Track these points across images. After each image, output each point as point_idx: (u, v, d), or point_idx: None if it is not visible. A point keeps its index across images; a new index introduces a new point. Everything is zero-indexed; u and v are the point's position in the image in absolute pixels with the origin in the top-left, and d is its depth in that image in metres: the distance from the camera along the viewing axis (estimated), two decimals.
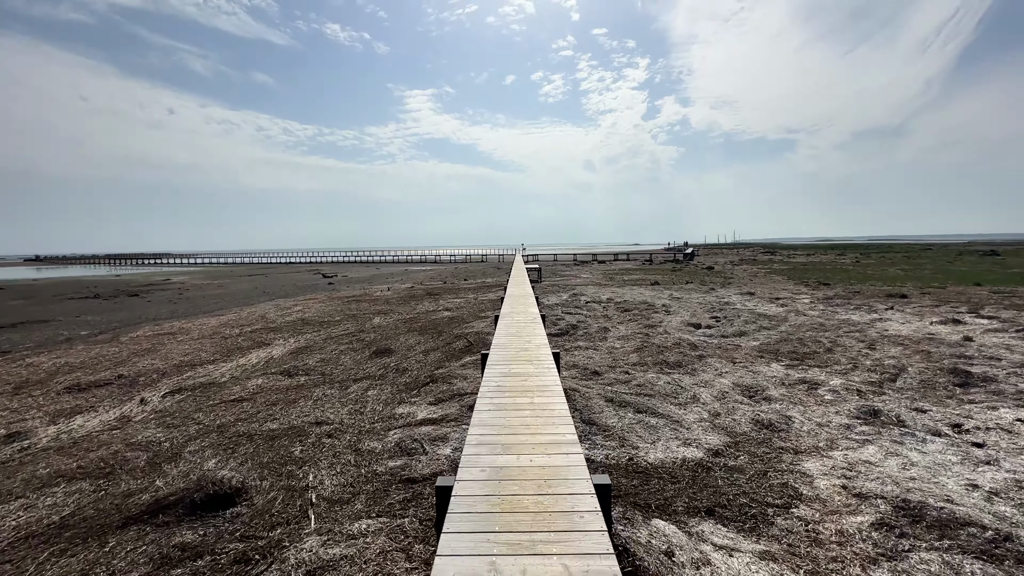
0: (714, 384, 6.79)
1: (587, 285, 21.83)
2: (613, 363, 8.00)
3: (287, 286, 28.17)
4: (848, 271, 27.53)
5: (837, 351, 8.67)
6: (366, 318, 14.05)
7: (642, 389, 6.52)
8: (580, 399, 5.99)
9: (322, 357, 9.29)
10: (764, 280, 23.21)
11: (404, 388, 7.07)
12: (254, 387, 7.50)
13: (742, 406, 5.90)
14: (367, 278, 33.43)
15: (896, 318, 11.86)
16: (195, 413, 6.39)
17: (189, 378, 8.22)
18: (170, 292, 26.22)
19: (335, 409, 6.28)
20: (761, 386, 6.65)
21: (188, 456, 5.01)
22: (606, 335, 10.23)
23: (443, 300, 17.66)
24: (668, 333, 10.26)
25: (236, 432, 5.64)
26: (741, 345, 9.28)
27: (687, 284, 21.28)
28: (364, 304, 17.28)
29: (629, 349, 8.90)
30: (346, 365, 8.66)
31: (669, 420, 5.42)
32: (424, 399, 6.50)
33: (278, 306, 17.94)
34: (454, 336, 10.65)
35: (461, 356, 8.82)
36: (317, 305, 17.56)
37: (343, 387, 7.31)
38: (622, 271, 32.41)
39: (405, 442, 5.02)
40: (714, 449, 4.73)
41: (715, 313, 12.67)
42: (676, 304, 14.59)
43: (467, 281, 26.69)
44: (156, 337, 12.45)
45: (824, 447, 4.80)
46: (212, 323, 14.48)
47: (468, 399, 6.21)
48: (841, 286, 19.55)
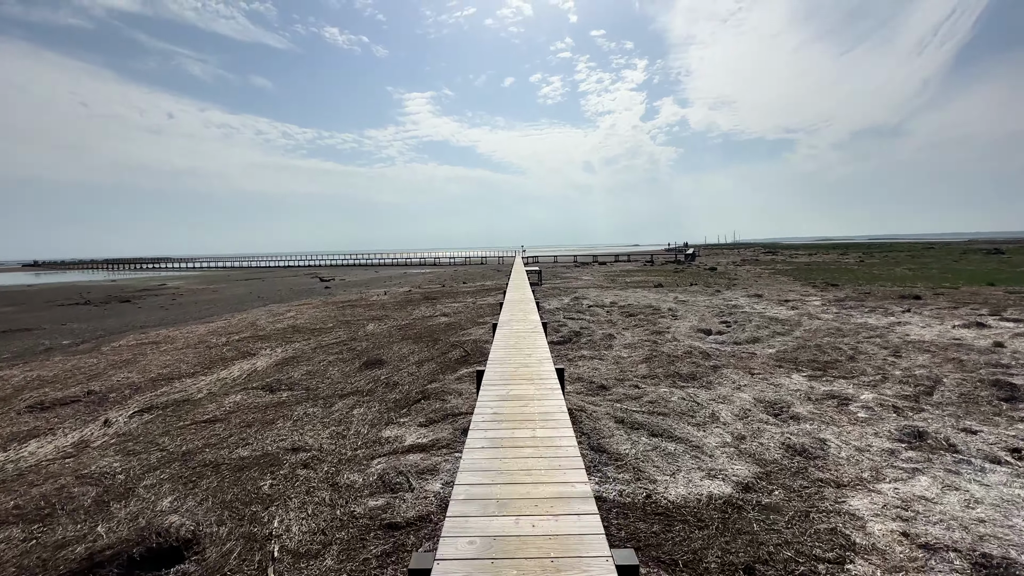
0: (733, 400, 6.14)
1: (589, 288, 21.19)
2: (621, 375, 7.35)
3: (283, 291, 27.55)
4: (854, 271, 26.89)
5: (861, 359, 8.03)
6: (360, 325, 13.41)
7: (655, 407, 5.87)
8: (587, 420, 5.35)
9: (309, 369, 8.65)
10: (770, 281, 22.57)
11: (393, 406, 6.43)
12: (231, 405, 6.86)
13: (768, 427, 5.25)
14: (365, 282, 32.80)
15: (915, 321, 11.22)
16: (161, 437, 5.75)
17: (163, 394, 7.58)
18: (163, 298, 25.59)
19: (315, 432, 5.64)
20: (785, 402, 6.01)
21: (142, 493, 4.37)
22: (611, 343, 9.59)
23: (440, 305, 17.03)
24: (677, 340, 9.61)
25: (202, 461, 5.00)
26: (756, 353, 8.64)
27: (692, 286, 20.63)
28: (359, 310, 16.65)
29: (637, 359, 8.25)
30: (333, 378, 8.02)
31: (688, 445, 4.78)
32: (414, 419, 5.86)
33: (271, 312, 17.31)
34: (450, 345, 10.01)
35: (457, 368, 8.18)
36: (311, 311, 16.93)
37: (327, 405, 6.67)
38: (624, 273, 31.77)
39: (389, 474, 4.38)
40: (744, 482, 4.09)
41: (725, 317, 12.03)
42: (683, 308, 13.94)
43: (466, 284, 26.06)
44: (139, 347, 11.82)
45: (869, 478, 4.15)
46: (200, 331, 13.85)
47: (462, 420, 5.57)
48: (850, 287, 18.91)
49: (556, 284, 23.74)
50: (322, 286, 29.61)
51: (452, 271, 42.39)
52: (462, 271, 41.06)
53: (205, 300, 23.71)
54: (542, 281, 24.73)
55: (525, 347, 6.27)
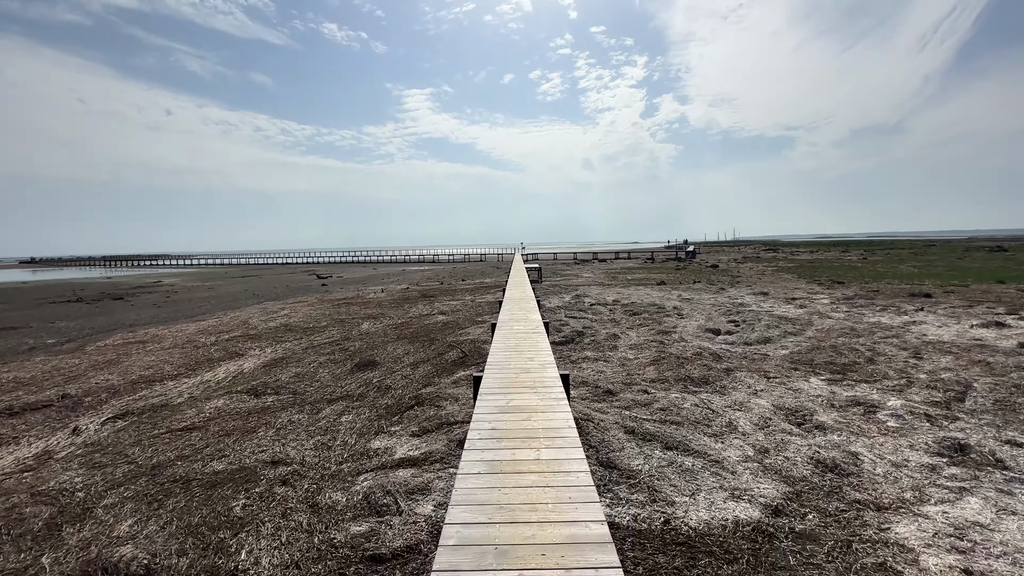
0: (751, 407, 5.68)
1: (590, 285, 20.73)
2: (628, 379, 6.89)
3: (279, 288, 27.06)
4: (858, 268, 26.43)
5: (880, 361, 7.57)
6: (354, 323, 12.94)
7: (667, 415, 5.41)
8: (595, 431, 4.88)
9: (298, 371, 8.18)
10: (773, 278, 22.11)
11: (384, 413, 5.96)
12: (211, 411, 6.39)
13: (792, 438, 4.79)
14: (362, 279, 32.32)
15: (931, 321, 10.77)
16: (131, 447, 5.28)
17: (142, 398, 7.12)
18: (157, 295, 25.10)
19: (299, 442, 5.18)
20: (807, 409, 5.55)
21: (100, 514, 3.91)
22: (616, 343, 9.12)
23: (438, 303, 16.56)
24: (685, 341, 9.15)
25: (172, 476, 4.54)
26: (769, 355, 8.18)
27: (695, 284, 20.17)
28: (354, 308, 16.17)
29: (644, 361, 7.79)
30: (323, 381, 7.55)
31: (707, 460, 4.32)
32: (406, 428, 5.39)
33: (265, 310, 16.84)
34: (447, 345, 9.54)
35: (453, 370, 7.72)
36: (306, 309, 16.46)
37: (314, 411, 6.20)
38: (624, 270, 31.31)
39: (376, 494, 3.91)
40: (773, 505, 3.63)
41: (732, 316, 11.57)
42: (688, 306, 13.48)
43: (464, 282, 25.59)
44: (124, 346, 11.34)
45: (912, 500, 3.70)
46: (190, 330, 13.38)
47: (458, 430, 5.10)
48: (857, 285, 18.46)
49: (556, 281, 23.27)
50: (319, 284, 29.13)
51: (451, 268, 41.92)
52: (461, 268, 40.60)
53: (199, 298, 23.22)
54: (542, 278, 24.26)
55: (526, 349, 5.80)
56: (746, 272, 26.75)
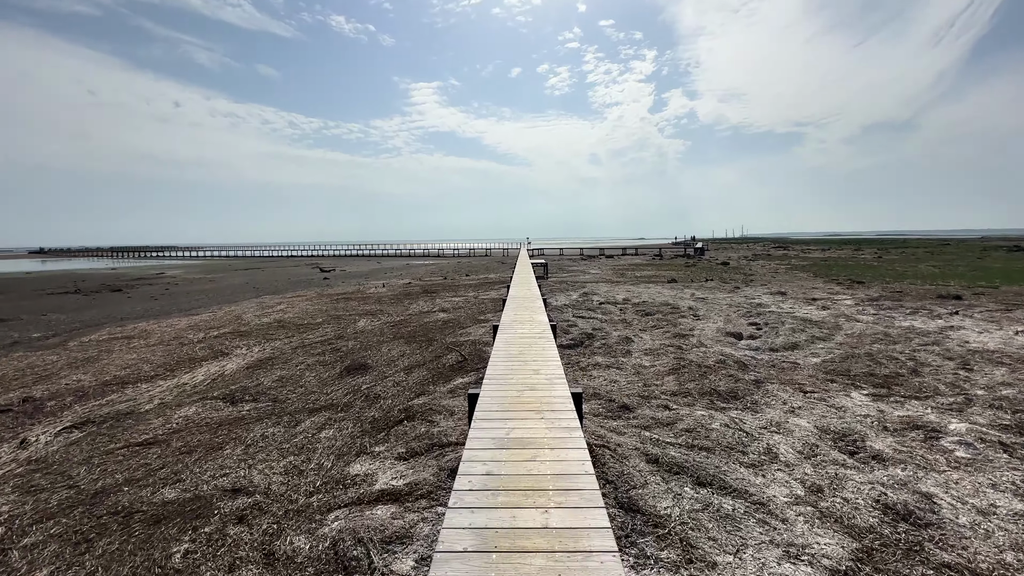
0: (790, 428, 4.90)
1: (598, 282, 19.91)
2: (645, 390, 6.11)
3: (280, 281, 26.47)
4: (876, 268, 25.40)
5: (926, 373, 6.75)
6: (351, 320, 12.24)
7: (694, 438, 4.64)
8: (611, 460, 4.12)
9: (282, 374, 7.48)
10: (788, 277, 21.18)
11: (370, 428, 5.23)
12: (180, 420, 5.70)
13: (847, 471, 4.01)
14: (365, 273, 31.69)
15: (969, 326, 9.89)
16: (79, 466, 4.60)
17: (108, 404, 6.44)
18: (157, 287, 24.58)
19: (268, 464, 4.47)
20: (857, 432, 4.76)
21: (15, 559, 3.21)
22: (629, 348, 8.34)
23: (440, 299, 15.83)
24: (705, 346, 8.35)
25: (113, 506, 3.84)
26: (799, 363, 7.37)
27: (707, 282, 19.30)
28: (353, 303, 15.48)
29: (662, 369, 7.00)
30: (307, 387, 6.84)
31: (750, 502, 3.55)
32: (392, 449, 4.66)
33: (261, 304, 16.19)
34: (446, 347, 8.80)
35: (450, 377, 6.98)
36: (302, 304, 15.79)
37: (292, 423, 5.49)
38: (632, 266, 30.43)
39: (346, 541, 3.19)
40: (840, 570, 2.85)
41: (753, 319, 10.74)
42: (703, 306, 12.65)
43: (468, 277, 24.85)
44: (109, 342, 10.72)
45: (1017, 565, 2.92)
46: (181, 324, 12.75)
47: (450, 453, 4.36)
48: (878, 285, 17.52)
49: (563, 278, 22.48)
50: (321, 277, 28.53)
51: (455, 263, 41.22)
52: (465, 263, 39.89)
53: (199, 290, 22.65)
54: (548, 274, 23.48)
55: (531, 358, 5.05)
56: (758, 270, 25.81)
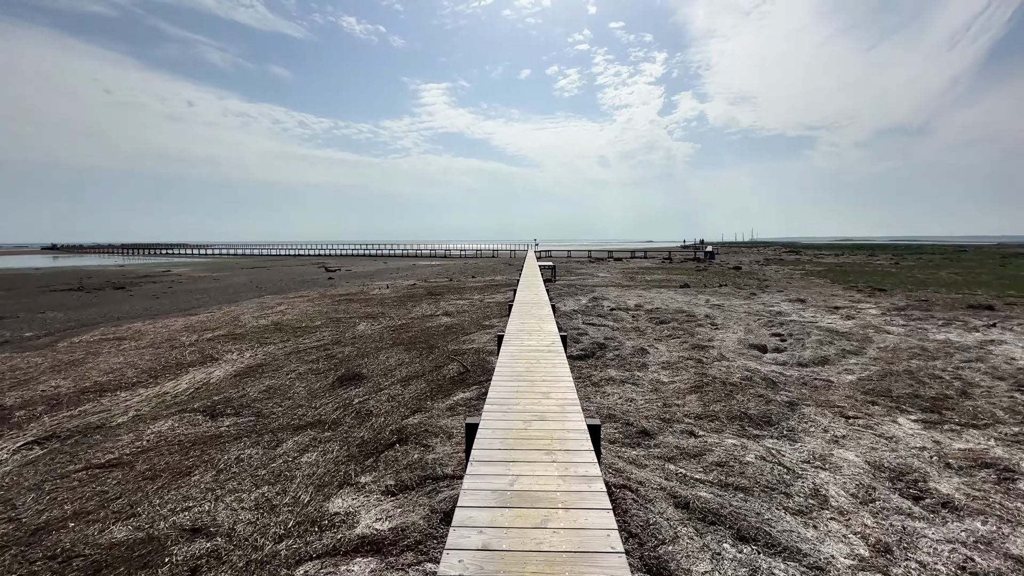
0: (836, 462, 4.25)
1: (608, 286, 19.25)
2: (666, 411, 5.48)
3: (285, 280, 26.08)
4: (895, 274, 24.48)
5: (977, 395, 6.04)
6: (350, 324, 11.71)
7: (728, 474, 4.00)
8: (632, 503, 3.49)
9: (271, 384, 6.93)
10: (805, 283, 20.38)
11: (357, 452, 4.65)
12: (151, 437, 5.16)
13: (917, 523, 3.35)
14: (371, 273, 31.24)
15: (1011, 340, 9.13)
16: (28, 492, 4.06)
17: (80, 415, 5.93)
18: (160, 285, 24.27)
19: (238, 495, 3.90)
20: (916, 471, 4.09)
21: None
22: (645, 360, 7.69)
23: (444, 302, 15.26)
24: (727, 359, 7.68)
25: (52, 548, 3.28)
26: (833, 380, 6.69)
27: (721, 287, 18.56)
28: (355, 305, 14.96)
29: (683, 386, 6.35)
30: (296, 399, 6.28)
31: (804, 565, 2.90)
32: (379, 480, 4.07)
33: (261, 305, 15.72)
34: (448, 355, 8.22)
35: (450, 390, 6.38)
36: (304, 304, 15.30)
37: (273, 443, 4.92)
38: (642, 270, 29.70)
39: None
40: None
41: (776, 329, 10.04)
42: (720, 314, 11.96)
43: (475, 279, 24.28)
44: (99, 343, 10.26)
45: None
46: (176, 325, 12.29)
47: (445, 489, 3.76)
48: (901, 293, 16.70)
49: (571, 281, 21.83)
50: (325, 277, 28.10)
51: (462, 264, 40.69)
52: (472, 264, 39.34)
53: (201, 289, 22.29)
54: (556, 277, 22.84)
55: (540, 377, 4.44)
56: (773, 275, 24.99)
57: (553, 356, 5.22)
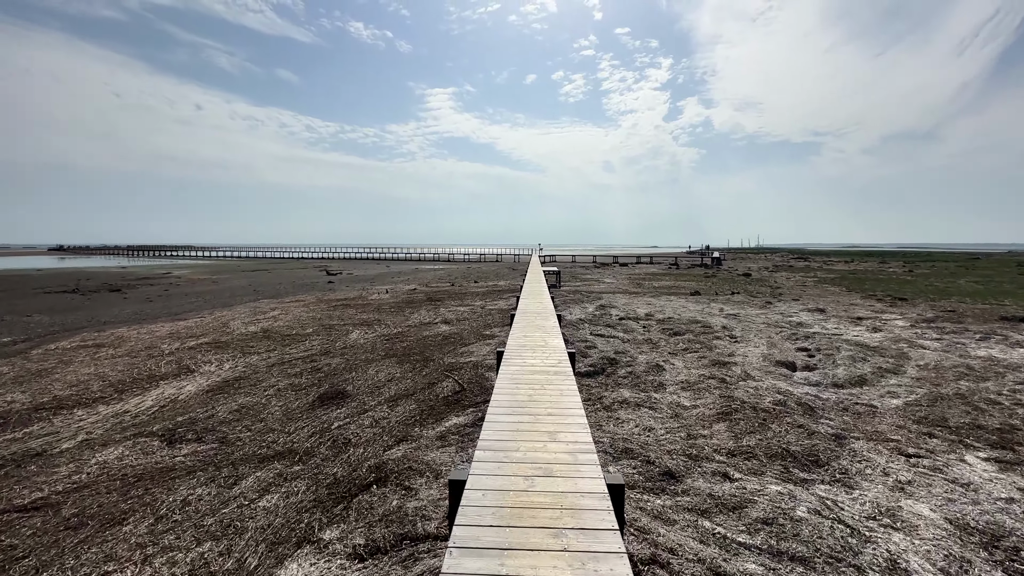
0: (908, 519, 3.44)
1: (614, 293, 18.44)
2: (692, 445, 4.67)
3: (284, 284, 25.45)
4: (912, 283, 23.51)
5: None
6: (343, 332, 10.98)
7: (778, 536, 3.20)
8: None
9: (245, 402, 6.19)
10: (820, 292, 19.49)
11: (327, 494, 3.88)
12: (94, 469, 4.42)
13: None
14: (372, 277, 30.58)
15: None
16: None
17: (25, 437, 5.20)
18: (156, 288, 23.70)
19: (172, 556, 3.13)
20: (1010, 531, 3.28)
21: None
22: (661, 378, 6.89)
23: (444, 308, 14.51)
24: (753, 378, 6.87)
25: None
26: (877, 406, 5.86)
27: (734, 295, 17.71)
28: (351, 311, 14.24)
29: (708, 412, 5.55)
30: (268, 422, 5.54)
31: None
32: (347, 536, 3.30)
33: (255, 310, 15.04)
34: (442, 370, 7.45)
35: (443, 414, 5.61)
36: (298, 310, 14.60)
37: (231, 480, 4.17)
38: (649, 276, 28.85)
39: None
40: None
41: (800, 342, 9.20)
42: (738, 325, 11.13)
43: (477, 284, 23.54)
44: (75, 351, 9.58)
45: None
46: (162, 331, 11.61)
47: (424, 560, 2.98)
48: (924, 303, 15.79)
49: (577, 287, 21.04)
50: (326, 281, 27.46)
51: (465, 268, 40.00)
52: (475, 268, 38.62)
53: (197, 292, 21.69)
54: (561, 283, 22.05)
55: (544, 409, 3.66)
56: (784, 283, 24.09)
57: (560, 380, 4.45)
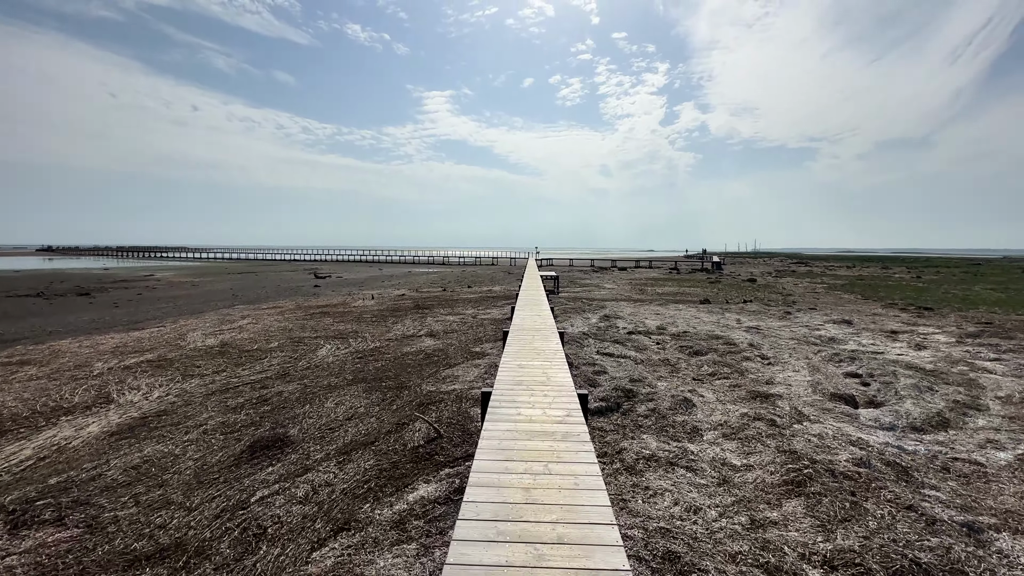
0: None
1: (618, 300, 16.97)
2: (763, 545, 3.16)
3: (268, 288, 23.86)
4: (928, 290, 22.15)
5: None
6: (312, 346, 9.44)
7: None
8: None
9: (150, 454, 4.65)
10: (834, 299, 18.09)
11: None
12: None
13: None
14: (362, 280, 29.01)
15: None
16: None
17: None
18: (130, 292, 22.07)
19: None
20: None
21: None
22: (692, 418, 5.39)
23: (432, 317, 12.99)
24: (810, 419, 5.37)
25: None
26: (982, 463, 4.38)
27: (746, 304, 16.26)
28: (328, 320, 12.69)
29: (769, 478, 4.03)
30: (167, 490, 4.00)
31: None
32: None
33: (223, 319, 13.48)
34: (418, 401, 5.93)
35: (408, 478, 4.07)
36: (270, 319, 13.05)
37: None
38: (650, 281, 27.42)
39: None
40: None
41: (844, 365, 7.73)
42: (763, 341, 9.65)
43: (470, 289, 22.02)
44: None
45: None
46: (107, 344, 10.04)
47: None
48: (952, 313, 14.40)
49: (576, 293, 19.56)
50: (312, 284, 25.86)
51: (460, 272, 38.46)
52: (470, 272, 37.09)
53: (172, 297, 20.09)
54: (559, 289, 20.56)
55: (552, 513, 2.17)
56: (794, 289, 22.69)
57: (573, 449, 2.95)
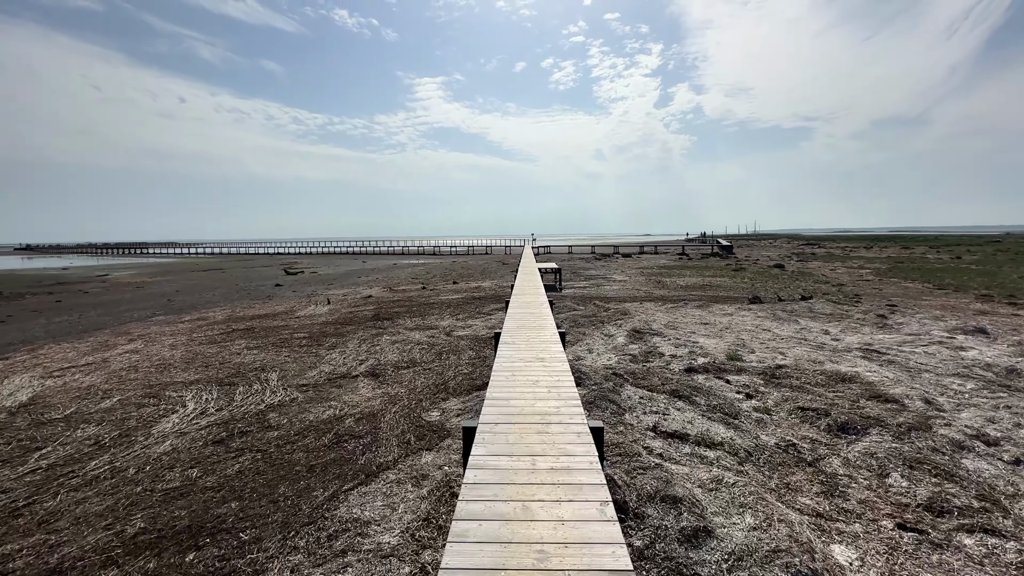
0: None
1: (639, 301, 13.10)
2: None
3: (220, 289, 19.90)
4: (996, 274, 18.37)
5: None
6: (165, 408, 5.61)
7: None
8: None
9: None
10: (900, 291, 14.30)
11: None
12: None
13: None
14: (336, 277, 25.08)
15: None
16: None
17: None
18: (53, 296, 18.08)
19: None
20: None
21: None
22: None
23: (389, 335, 9.10)
24: None
25: None
26: None
27: (806, 300, 12.42)
28: (243, 343, 8.80)
29: None
30: None
31: None
32: None
33: (107, 342, 9.61)
34: None
35: None
36: (168, 340, 9.16)
37: None
38: (663, 269, 23.57)
39: None
40: None
41: None
42: (919, 383, 5.82)
43: (455, 286, 18.12)
44: None
45: None
46: None
47: None
48: None
49: (583, 290, 15.69)
50: (273, 284, 21.85)
51: (448, 263, 34.50)
52: (460, 263, 33.14)
53: (97, 303, 16.14)
54: (561, 284, 16.66)
55: None
56: (834, 276, 18.92)
57: None
